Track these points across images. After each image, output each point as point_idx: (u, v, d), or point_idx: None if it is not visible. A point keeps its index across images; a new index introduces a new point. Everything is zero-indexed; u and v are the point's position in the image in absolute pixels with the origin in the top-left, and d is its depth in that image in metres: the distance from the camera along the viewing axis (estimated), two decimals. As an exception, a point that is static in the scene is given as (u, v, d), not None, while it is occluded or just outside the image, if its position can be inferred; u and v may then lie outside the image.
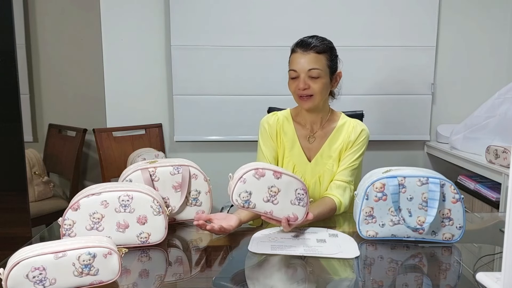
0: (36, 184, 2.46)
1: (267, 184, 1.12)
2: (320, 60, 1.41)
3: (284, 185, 1.14)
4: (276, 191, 1.13)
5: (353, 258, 1.06)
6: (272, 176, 1.12)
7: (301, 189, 1.15)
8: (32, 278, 0.85)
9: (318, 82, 1.40)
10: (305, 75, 1.40)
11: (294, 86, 1.43)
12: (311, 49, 1.40)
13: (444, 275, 1.02)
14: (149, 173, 1.24)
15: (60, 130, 2.72)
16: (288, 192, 1.14)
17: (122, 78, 2.66)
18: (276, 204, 1.14)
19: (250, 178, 1.11)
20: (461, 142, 2.30)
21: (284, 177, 1.14)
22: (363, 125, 1.51)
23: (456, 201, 1.12)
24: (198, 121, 2.62)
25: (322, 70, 1.41)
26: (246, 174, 1.11)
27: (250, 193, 1.12)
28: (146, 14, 2.62)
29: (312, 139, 1.51)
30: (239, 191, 1.11)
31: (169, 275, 1.01)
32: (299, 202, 1.15)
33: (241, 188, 1.11)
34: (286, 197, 1.14)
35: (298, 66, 1.41)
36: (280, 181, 1.13)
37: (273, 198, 1.13)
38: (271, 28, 2.55)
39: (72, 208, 1.07)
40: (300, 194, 1.15)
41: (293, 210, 1.15)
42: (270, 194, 1.13)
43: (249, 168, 1.12)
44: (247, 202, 1.12)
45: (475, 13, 2.64)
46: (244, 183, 1.11)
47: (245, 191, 1.11)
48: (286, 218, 1.15)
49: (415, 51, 2.60)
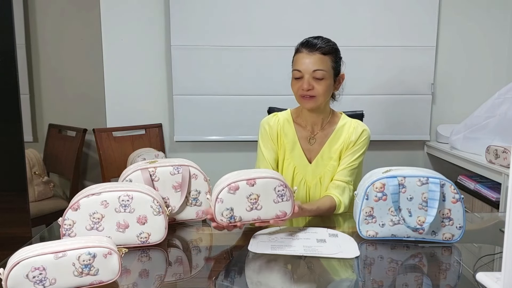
0: (36, 184, 2.46)
1: (245, 195, 1.12)
2: (325, 62, 1.40)
3: (261, 189, 1.13)
4: (255, 198, 1.12)
5: (353, 258, 1.06)
6: (246, 186, 1.12)
7: (280, 185, 1.14)
8: (32, 278, 0.85)
9: (322, 83, 1.40)
10: (310, 75, 1.39)
11: (297, 87, 1.42)
12: (317, 50, 1.39)
13: (444, 275, 1.02)
14: (149, 173, 1.23)
15: (60, 130, 2.72)
16: (268, 193, 1.13)
17: (122, 78, 2.66)
18: (261, 209, 1.13)
19: (226, 196, 1.11)
20: (461, 142, 2.30)
21: (259, 181, 1.12)
22: (364, 126, 1.51)
23: (456, 201, 1.12)
24: (198, 121, 2.62)
25: (326, 71, 1.40)
26: (220, 193, 1.11)
27: (231, 209, 1.12)
28: (146, 14, 2.62)
29: (312, 140, 1.51)
30: (220, 211, 1.11)
31: (169, 275, 1.01)
32: (282, 198, 1.15)
33: (221, 208, 1.11)
34: (268, 199, 1.14)
35: (303, 66, 1.40)
36: (256, 187, 1.12)
37: (255, 205, 1.13)
38: (271, 28, 2.55)
39: (72, 208, 1.07)
40: (280, 191, 1.14)
41: (279, 208, 1.15)
42: (251, 202, 1.12)
43: (222, 186, 1.12)
44: (232, 217, 1.12)
45: (475, 13, 2.64)
46: (222, 203, 1.11)
47: (225, 209, 1.11)
48: (275, 219, 1.15)
49: (415, 51, 2.60)
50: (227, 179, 1.14)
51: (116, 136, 2.57)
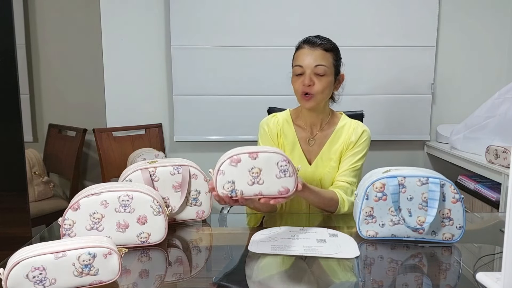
0: (36, 184, 2.46)
1: (247, 168, 1.10)
2: (327, 58, 1.40)
3: (264, 162, 1.11)
4: (258, 172, 1.11)
5: (353, 258, 1.06)
6: (248, 159, 1.10)
7: (283, 160, 1.12)
8: (32, 278, 0.85)
9: (323, 80, 1.39)
10: (311, 71, 1.39)
11: (298, 83, 1.41)
12: (319, 46, 1.40)
13: (444, 275, 1.02)
14: (149, 173, 1.23)
15: (60, 130, 2.72)
16: (270, 168, 1.11)
17: (122, 78, 2.66)
18: (262, 184, 1.11)
19: (228, 168, 1.09)
20: (461, 142, 2.30)
21: (261, 155, 1.11)
22: (364, 126, 1.50)
23: (456, 201, 1.12)
24: (198, 121, 2.62)
25: (328, 67, 1.40)
26: (222, 165, 1.09)
27: (233, 182, 1.10)
28: (146, 14, 2.62)
29: (312, 141, 1.50)
30: (222, 184, 1.10)
31: (169, 275, 1.01)
32: (285, 173, 1.12)
33: (222, 181, 1.10)
34: (270, 174, 1.11)
35: (305, 62, 1.40)
36: (258, 161, 1.10)
37: (257, 179, 1.11)
38: (271, 28, 2.55)
39: (72, 208, 1.07)
40: (283, 166, 1.12)
41: (282, 183, 1.12)
42: (253, 176, 1.11)
43: (224, 158, 1.11)
44: (233, 191, 1.10)
45: (475, 13, 2.64)
46: (223, 175, 1.09)
47: (227, 181, 1.10)
48: (278, 197, 1.13)
49: (415, 51, 2.60)
50: (230, 152, 1.12)
51: (116, 136, 2.57)
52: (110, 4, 2.60)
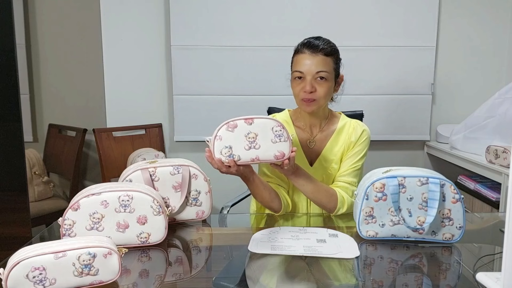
0: (36, 184, 2.46)
1: (243, 133, 1.14)
2: (328, 63, 1.38)
3: (260, 127, 1.15)
4: (253, 136, 1.15)
5: (353, 258, 1.06)
6: (244, 124, 1.15)
7: (277, 126, 1.17)
8: (32, 278, 0.85)
9: (324, 85, 1.37)
10: (312, 77, 1.37)
11: (299, 89, 1.39)
12: (320, 51, 1.37)
13: (444, 275, 1.02)
14: (149, 173, 1.24)
15: (60, 130, 2.72)
16: (266, 133, 1.16)
17: (122, 78, 2.66)
18: (259, 148, 1.16)
19: (225, 133, 1.14)
20: (461, 142, 2.30)
21: (257, 120, 1.15)
22: (363, 126, 1.49)
23: (456, 201, 1.12)
24: (198, 121, 2.62)
25: (329, 73, 1.38)
26: (219, 131, 1.14)
27: (230, 147, 1.15)
28: (146, 14, 2.62)
29: (312, 143, 1.49)
30: (219, 149, 1.15)
31: (169, 275, 1.01)
32: (280, 138, 1.17)
33: (220, 146, 1.15)
34: (266, 138, 1.16)
35: (305, 67, 1.37)
36: (254, 126, 1.15)
37: (254, 143, 1.15)
38: (271, 28, 2.55)
39: (72, 208, 1.07)
40: (278, 131, 1.17)
41: (277, 148, 1.17)
42: (249, 141, 1.15)
43: (221, 124, 1.15)
44: (231, 156, 1.15)
45: (475, 13, 2.64)
46: (221, 140, 1.15)
47: (224, 146, 1.15)
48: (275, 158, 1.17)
49: (415, 51, 2.60)
50: (226, 120, 1.16)
51: (116, 136, 2.57)
52: (110, 4, 2.60)
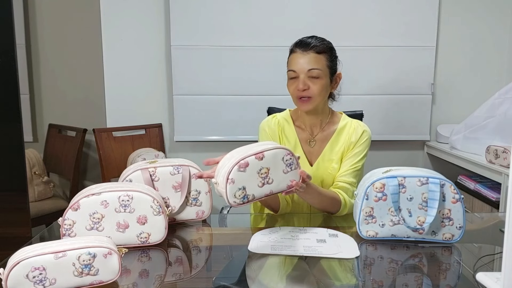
0: (36, 184, 2.46)
1: (255, 170, 1.06)
2: (320, 60, 1.39)
3: (271, 161, 1.08)
4: (266, 172, 1.08)
5: (353, 258, 1.06)
6: (256, 160, 1.06)
7: (287, 154, 1.11)
8: (32, 278, 0.85)
9: (317, 83, 1.38)
10: (305, 75, 1.37)
11: (293, 87, 1.40)
12: (311, 49, 1.38)
13: (444, 275, 1.02)
14: (149, 173, 1.23)
15: (60, 130, 2.72)
16: (277, 165, 1.09)
17: (122, 78, 2.66)
18: (272, 183, 1.09)
19: (237, 175, 1.04)
20: (461, 142, 2.30)
21: (267, 154, 1.07)
22: (364, 126, 1.49)
23: (456, 201, 1.12)
24: (198, 121, 2.62)
25: (322, 70, 1.38)
26: (231, 173, 1.04)
27: (243, 188, 1.06)
28: (146, 14, 2.62)
29: (312, 142, 1.49)
30: (233, 193, 1.05)
31: (169, 275, 1.01)
32: (291, 167, 1.12)
33: (233, 189, 1.04)
34: (278, 170, 1.10)
35: (298, 66, 1.38)
36: (265, 160, 1.07)
37: (267, 179, 1.08)
38: (271, 28, 2.55)
39: (72, 208, 1.07)
40: (288, 160, 1.11)
41: (289, 177, 1.12)
42: (262, 177, 1.08)
43: (231, 165, 1.05)
44: (245, 197, 1.06)
45: (475, 13, 2.64)
46: (233, 183, 1.04)
47: (238, 189, 1.05)
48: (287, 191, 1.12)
49: (415, 51, 2.60)
50: (231, 158, 1.08)
51: (116, 136, 2.57)
52: (110, 4, 2.60)
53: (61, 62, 2.77)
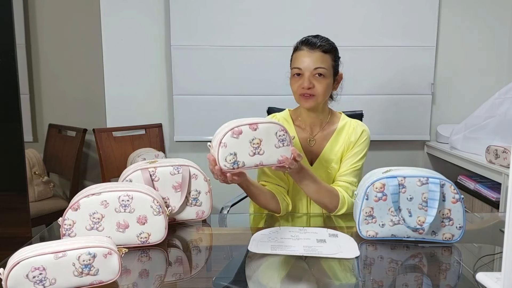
0: (36, 184, 2.46)
1: (248, 139, 1.12)
2: (326, 60, 1.39)
3: (264, 133, 1.14)
4: (258, 142, 1.13)
5: (353, 258, 1.06)
6: (249, 130, 1.12)
7: (280, 130, 1.16)
8: (32, 278, 0.85)
9: (322, 82, 1.38)
10: (310, 73, 1.38)
11: (297, 85, 1.40)
12: (318, 48, 1.38)
13: (444, 275, 1.02)
14: (149, 173, 1.24)
15: (60, 130, 2.72)
16: (270, 138, 1.14)
17: (122, 78, 2.66)
18: (263, 154, 1.14)
19: (230, 140, 1.11)
20: (461, 142, 2.30)
21: (261, 126, 1.13)
22: (363, 126, 1.49)
23: (456, 201, 1.12)
24: (198, 121, 2.62)
25: (327, 69, 1.39)
26: (224, 137, 1.11)
27: (234, 153, 1.12)
28: (146, 14, 2.62)
29: (312, 142, 1.49)
30: (224, 156, 1.11)
31: (169, 275, 1.01)
32: (283, 143, 1.16)
33: (224, 153, 1.11)
34: (270, 144, 1.15)
35: (304, 64, 1.38)
36: (259, 131, 1.13)
37: (258, 149, 1.14)
38: (271, 28, 2.55)
39: (72, 208, 1.07)
40: (281, 135, 1.16)
41: (280, 152, 1.16)
42: (253, 147, 1.13)
43: (226, 130, 1.11)
44: (235, 163, 1.12)
45: (475, 13, 2.64)
46: (225, 147, 1.11)
47: (229, 153, 1.11)
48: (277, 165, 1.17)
49: (415, 51, 2.60)
50: (228, 125, 1.13)
51: (116, 136, 2.57)
52: (110, 4, 2.60)
53: (61, 62, 2.77)
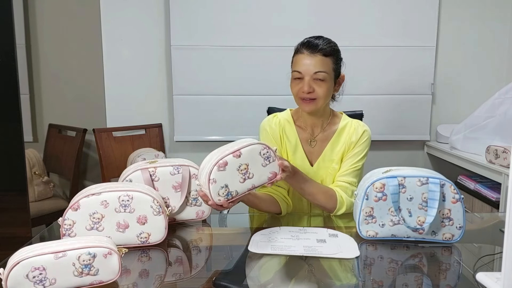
0: (36, 184, 2.46)
1: (235, 167, 1.11)
2: (327, 63, 1.37)
3: (248, 156, 1.13)
4: (245, 167, 1.13)
5: (353, 258, 1.06)
6: (234, 158, 1.11)
7: (263, 148, 1.15)
8: (32, 278, 0.85)
9: (323, 85, 1.37)
10: (310, 77, 1.36)
11: (297, 88, 1.38)
12: (318, 52, 1.36)
13: (444, 275, 1.02)
14: (149, 173, 1.24)
15: (60, 130, 2.72)
16: (255, 159, 1.14)
17: (122, 78, 2.66)
18: (253, 177, 1.14)
19: (217, 174, 1.10)
20: (461, 142, 2.30)
21: (244, 151, 1.13)
22: (364, 126, 1.49)
23: (456, 201, 1.12)
24: (198, 121, 2.62)
25: (328, 73, 1.37)
26: (212, 173, 1.09)
27: (226, 186, 1.11)
28: (146, 14, 2.62)
29: (313, 142, 1.49)
30: (216, 191, 1.10)
31: (169, 275, 1.01)
32: (269, 160, 1.16)
33: (216, 188, 1.10)
34: (257, 165, 1.15)
35: (304, 68, 1.37)
36: (243, 157, 1.12)
37: (247, 174, 1.13)
38: (271, 28, 2.55)
39: (72, 208, 1.07)
40: (265, 153, 1.16)
41: (269, 170, 1.17)
42: (242, 173, 1.13)
43: (210, 166, 1.10)
44: (229, 194, 1.12)
45: (475, 13, 2.64)
46: (215, 183, 1.10)
47: (220, 187, 1.10)
48: (269, 182, 1.17)
49: (415, 51, 2.60)
50: (211, 159, 1.12)
51: (116, 136, 2.57)
52: (110, 4, 2.60)
53: (61, 62, 2.77)
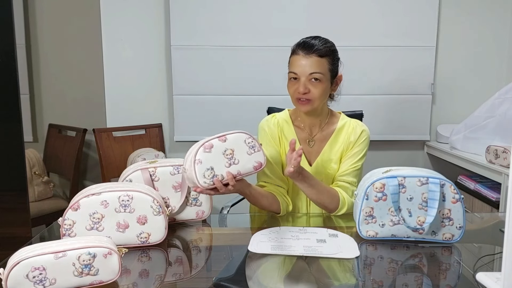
0: (36, 184, 2.46)
1: (220, 151, 1.15)
2: (322, 64, 1.37)
3: (234, 143, 1.17)
4: (231, 152, 1.17)
5: (353, 258, 1.06)
6: (219, 142, 1.15)
7: (248, 138, 1.20)
8: (32, 278, 0.85)
9: (318, 86, 1.36)
10: (306, 78, 1.36)
11: (293, 89, 1.39)
12: (314, 52, 1.36)
13: (444, 275, 1.02)
14: (149, 173, 1.24)
15: (60, 130, 2.72)
16: (240, 146, 1.18)
17: (122, 78, 2.66)
18: (238, 163, 1.17)
19: (203, 155, 1.13)
20: (461, 142, 2.30)
21: (229, 137, 1.17)
22: (363, 126, 1.49)
23: (456, 201, 1.12)
24: (198, 121, 2.62)
25: (323, 74, 1.37)
26: (197, 154, 1.13)
27: (211, 168, 1.14)
28: (146, 14, 2.62)
29: (312, 142, 1.49)
30: (202, 172, 1.13)
31: (169, 275, 1.01)
32: (254, 149, 1.20)
33: (201, 169, 1.13)
34: (242, 152, 1.18)
35: (299, 69, 1.37)
36: (228, 142, 1.16)
37: (233, 159, 1.17)
38: (271, 28, 2.55)
39: (72, 208, 1.07)
40: (250, 142, 1.20)
41: (254, 158, 1.20)
42: (227, 158, 1.16)
43: (196, 147, 1.14)
44: (214, 176, 1.15)
45: (475, 13, 2.64)
46: (201, 163, 1.13)
47: (206, 169, 1.14)
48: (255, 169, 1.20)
49: (415, 51, 2.60)
50: (197, 144, 1.15)
51: (116, 136, 2.57)
52: (110, 4, 2.60)
53: (61, 62, 2.77)
